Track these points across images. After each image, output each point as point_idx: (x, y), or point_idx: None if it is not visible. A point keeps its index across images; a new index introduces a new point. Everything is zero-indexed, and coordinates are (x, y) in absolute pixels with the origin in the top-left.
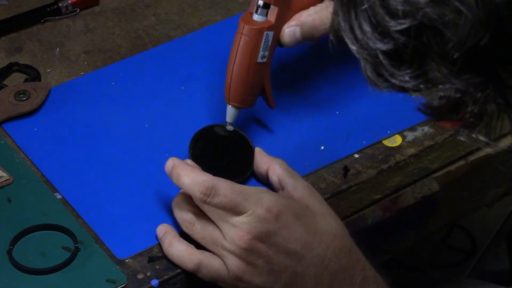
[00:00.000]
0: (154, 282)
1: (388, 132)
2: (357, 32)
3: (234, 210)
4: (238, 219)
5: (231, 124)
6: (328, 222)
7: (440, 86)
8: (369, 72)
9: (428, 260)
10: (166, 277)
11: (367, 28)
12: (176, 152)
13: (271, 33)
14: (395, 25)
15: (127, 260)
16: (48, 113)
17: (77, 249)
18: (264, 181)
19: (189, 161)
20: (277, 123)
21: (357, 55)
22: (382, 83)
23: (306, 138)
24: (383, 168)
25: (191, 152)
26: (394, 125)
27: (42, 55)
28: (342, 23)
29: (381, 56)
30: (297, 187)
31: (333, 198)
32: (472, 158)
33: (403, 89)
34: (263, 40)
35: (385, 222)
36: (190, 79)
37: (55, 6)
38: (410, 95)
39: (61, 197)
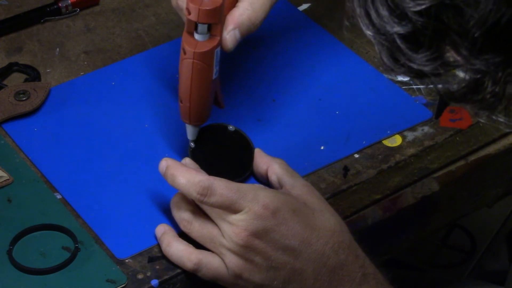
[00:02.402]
0: (154, 282)
1: (388, 132)
2: (373, 16)
3: (231, 208)
4: (235, 217)
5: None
6: (326, 219)
7: (459, 68)
8: (384, 57)
9: (428, 260)
10: (166, 277)
11: (384, 12)
12: (175, 152)
13: (219, 48)
14: (414, 6)
15: (127, 260)
16: (48, 113)
17: (77, 249)
18: (264, 182)
19: (187, 159)
20: (277, 123)
21: (372, 40)
22: (398, 68)
23: (306, 138)
24: (383, 168)
25: (191, 152)
26: (394, 125)
27: (42, 55)
28: (357, 9)
29: (398, 40)
30: (296, 186)
31: (333, 198)
32: (472, 158)
33: (420, 74)
34: (215, 58)
35: (385, 222)
36: None
37: (55, 6)
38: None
39: (61, 197)
